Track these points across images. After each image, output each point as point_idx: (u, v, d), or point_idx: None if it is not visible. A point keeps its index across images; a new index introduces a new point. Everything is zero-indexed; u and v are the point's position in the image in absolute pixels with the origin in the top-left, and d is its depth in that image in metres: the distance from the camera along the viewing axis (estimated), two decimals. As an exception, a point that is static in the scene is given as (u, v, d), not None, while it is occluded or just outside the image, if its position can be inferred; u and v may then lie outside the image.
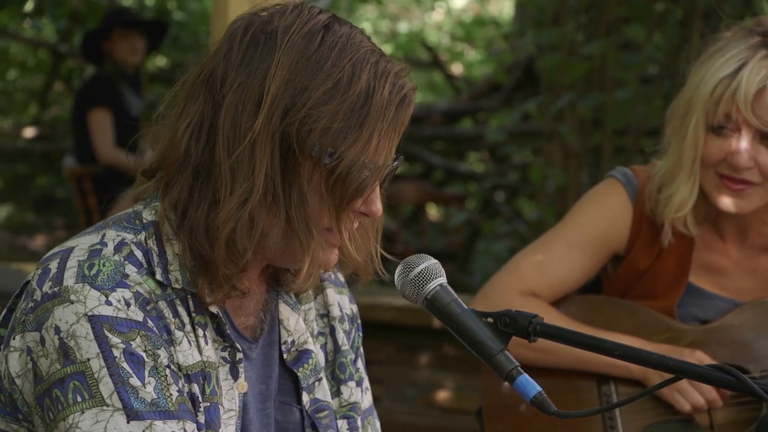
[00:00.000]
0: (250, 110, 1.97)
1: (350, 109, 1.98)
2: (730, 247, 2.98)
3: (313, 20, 2.01)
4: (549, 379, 2.96)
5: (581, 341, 2.02)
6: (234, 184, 1.97)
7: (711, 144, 2.84)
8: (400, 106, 2.02)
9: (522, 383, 1.99)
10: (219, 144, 1.98)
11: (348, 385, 2.27)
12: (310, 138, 1.97)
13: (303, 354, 2.20)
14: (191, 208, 2.01)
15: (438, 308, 2.05)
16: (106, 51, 8.05)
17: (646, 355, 1.97)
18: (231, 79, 1.99)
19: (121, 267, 2.00)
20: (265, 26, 2.01)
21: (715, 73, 2.80)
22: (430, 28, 16.32)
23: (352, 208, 2.04)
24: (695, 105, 2.83)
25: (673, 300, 2.96)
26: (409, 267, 2.06)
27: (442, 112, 11.97)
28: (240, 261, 2.00)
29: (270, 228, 2.01)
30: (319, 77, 1.97)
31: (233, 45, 2.02)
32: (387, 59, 2.03)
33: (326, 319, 2.27)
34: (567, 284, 2.99)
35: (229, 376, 2.09)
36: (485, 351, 2.02)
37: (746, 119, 2.78)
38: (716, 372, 1.92)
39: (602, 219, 2.98)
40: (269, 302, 2.19)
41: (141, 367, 1.96)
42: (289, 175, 1.99)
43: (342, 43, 2.00)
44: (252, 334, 2.15)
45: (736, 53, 2.79)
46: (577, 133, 6.91)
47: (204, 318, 2.07)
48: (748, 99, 2.76)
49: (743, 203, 2.86)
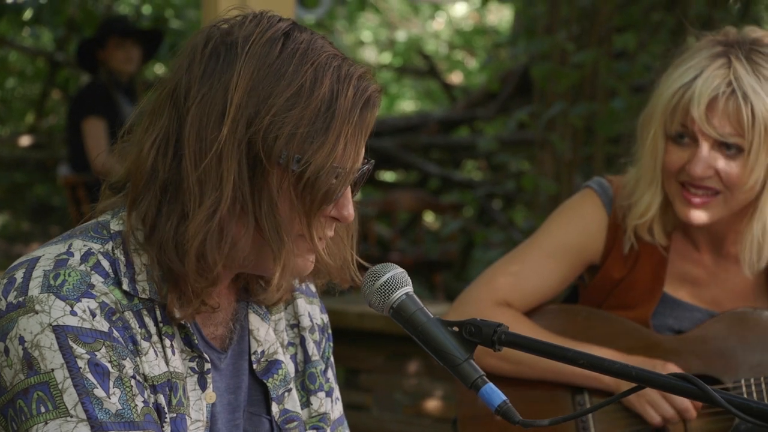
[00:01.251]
0: (214, 121, 1.98)
1: (315, 113, 1.98)
2: (705, 257, 2.98)
3: (272, 28, 2.02)
4: (524, 388, 2.96)
5: (545, 350, 2.03)
6: (202, 196, 1.97)
7: (671, 153, 2.84)
8: (365, 108, 2.02)
9: (487, 392, 2.00)
10: (185, 157, 1.98)
11: (318, 395, 2.27)
12: (277, 145, 1.97)
13: (273, 364, 2.20)
14: (160, 223, 2.01)
15: (404, 317, 2.05)
16: (101, 60, 8.07)
17: (609, 365, 1.97)
18: (194, 92, 2.00)
19: (87, 277, 2.00)
20: (225, 37, 2.02)
21: (673, 83, 2.81)
22: (428, 36, 16.33)
23: (323, 213, 2.04)
24: (655, 114, 2.84)
25: (648, 310, 2.96)
26: (375, 276, 2.06)
27: (439, 121, 11.98)
28: (210, 274, 2.00)
29: (240, 238, 2.01)
30: (282, 84, 1.98)
31: (194, 58, 2.02)
32: (350, 63, 2.04)
33: (296, 329, 2.27)
34: (541, 294, 3.00)
35: (197, 386, 2.09)
36: (451, 360, 2.03)
37: (701, 129, 2.78)
38: (679, 381, 1.92)
39: (577, 229, 2.99)
40: (239, 312, 2.18)
41: (106, 377, 1.96)
42: (257, 184, 1.99)
43: (303, 49, 2.01)
44: (221, 344, 2.15)
45: (695, 63, 2.80)
46: (568, 141, 6.91)
47: (171, 328, 2.07)
48: (702, 108, 2.76)
49: (703, 215, 2.85)
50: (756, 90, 2.75)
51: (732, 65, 2.77)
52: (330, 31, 15.60)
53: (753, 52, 2.79)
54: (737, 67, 2.76)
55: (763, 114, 2.75)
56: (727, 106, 2.76)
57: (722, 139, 2.78)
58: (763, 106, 2.75)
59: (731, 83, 2.75)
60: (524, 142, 10.11)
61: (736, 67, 2.76)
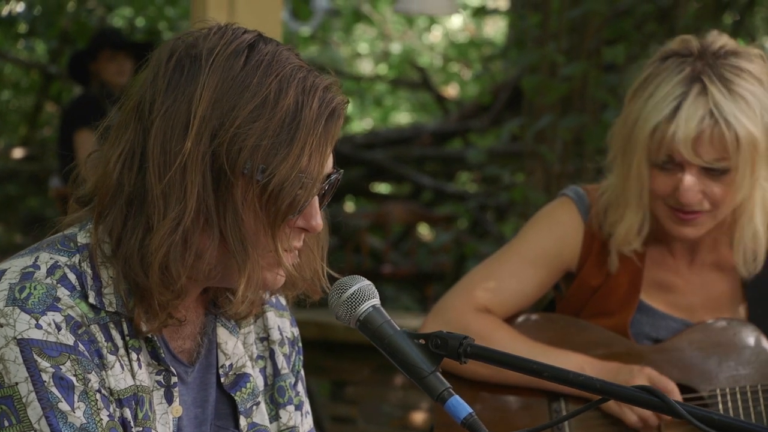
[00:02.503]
0: (178, 134, 1.98)
1: (279, 125, 1.99)
2: (681, 265, 3.00)
3: (237, 40, 2.02)
4: (501, 396, 2.97)
5: (511, 363, 2.03)
6: (166, 209, 1.98)
7: (657, 179, 2.86)
8: (330, 120, 2.03)
9: (453, 405, 2.00)
10: (150, 170, 1.99)
11: (287, 409, 2.26)
12: (241, 157, 1.98)
13: (241, 378, 2.20)
14: (125, 237, 2.01)
15: (370, 330, 2.06)
16: (94, 72, 8.07)
17: (573, 377, 1.98)
18: (158, 104, 2.00)
19: (52, 290, 2.00)
20: (189, 50, 2.02)
21: (651, 114, 2.80)
22: (424, 48, 16.36)
23: (289, 224, 2.04)
24: (636, 143, 2.84)
25: (626, 318, 2.97)
26: (341, 289, 2.06)
27: (432, 133, 12.00)
28: (174, 286, 2.01)
29: (205, 250, 2.01)
30: (246, 96, 1.98)
31: (159, 71, 2.02)
32: (316, 74, 2.04)
33: (266, 342, 2.26)
34: (520, 301, 3.01)
35: (164, 400, 2.09)
36: (417, 372, 2.03)
37: (687, 159, 2.79)
38: (642, 393, 1.93)
39: (554, 236, 3.00)
40: (207, 326, 2.18)
41: (70, 391, 1.96)
42: (222, 196, 2.00)
43: (267, 61, 2.01)
44: (188, 357, 2.15)
45: (671, 90, 2.79)
46: (557, 153, 6.92)
47: (138, 342, 2.07)
48: (688, 142, 2.77)
49: (696, 230, 2.88)
50: (736, 115, 2.77)
51: (709, 91, 2.77)
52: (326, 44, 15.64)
53: (721, 67, 2.79)
54: (714, 92, 2.77)
55: (746, 135, 2.78)
56: (713, 136, 2.77)
57: (709, 166, 2.80)
58: (745, 129, 2.77)
59: (713, 113, 2.77)
60: (516, 154, 10.12)
61: (713, 93, 2.77)
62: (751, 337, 2.93)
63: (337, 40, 16.28)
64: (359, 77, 15.50)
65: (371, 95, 15.62)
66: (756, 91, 2.80)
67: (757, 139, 2.79)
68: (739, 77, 2.79)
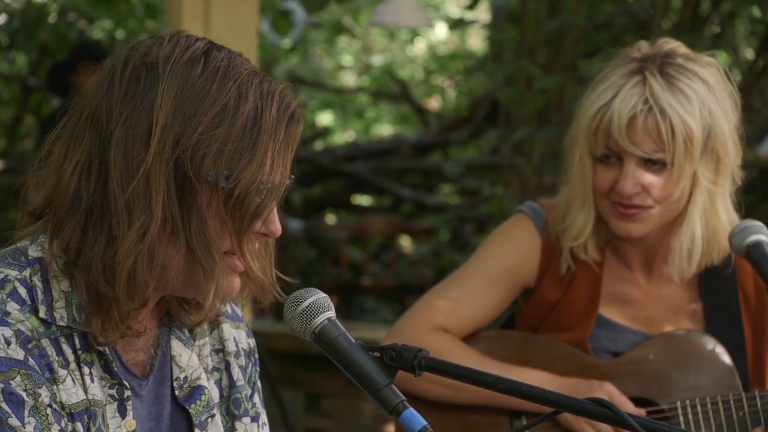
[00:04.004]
0: (140, 142, 1.98)
1: (241, 130, 1.99)
2: (639, 277, 3.00)
3: (192, 47, 2.02)
4: (462, 414, 2.96)
5: (465, 375, 2.04)
6: (131, 218, 1.97)
7: (599, 174, 2.87)
8: (290, 123, 2.04)
9: (407, 417, 1.99)
10: (112, 180, 1.98)
11: (243, 420, 2.25)
12: (205, 163, 1.98)
13: (195, 390, 2.19)
14: (86, 246, 2.00)
15: (326, 342, 2.06)
16: (73, 84, 8.05)
17: (526, 389, 1.98)
18: (117, 114, 1.99)
19: (2, 305, 1.99)
20: (144, 58, 2.02)
21: (591, 105, 2.83)
22: (405, 61, 16.38)
23: (252, 229, 2.04)
24: (577, 135, 2.86)
25: (585, 332, 2.96)
26: (297, 301, 2.06)
27: (412, 145, 12.01)
28: (141, 296, 2.00)
29: (171, 259, 2.01)
30: (206, 102, 1.99)
31: (114, 81, 2.02)
32: (269, 80, 2.05)
33: (221, 354, 2.25)
34: (478, 319, 3.01)
35: (117, 414, 2.08)
36: (372, 385, 2.03)
37: (623, 148, 2.80)
38: (594, 405, 1.92)
39: (511, 253, 3.00)
40: (161, 338, 2.17)
41: (21, 406, 1.95)
42: (186, 203, 2.00)
43: (224, 67, 2.01)
44: (142, 370, 2.14)
45: (613, 81, 2.82)
46: (534, 166, 6.93)
47: (90, 356, 2.06)
48: (622, 128, 2.78)
49: (639, 227, 2.87)
50: (672, 105, 2.78)
51: (647, 82, 2.79)
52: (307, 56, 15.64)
53: (666, 65, 2.81)
54: (652, 83, 2.78)
55: (681, 127, 2.78)
56: (647, 123, 2.78)
57: (646, 156, 2.81)
58: (681, 119, 2.78)
59: (647, 100, 2.78)
60: (496, 166, 10.13)
61: (651, 84, 2.78)
62: (710, 349, 2.93)
63: (321, 52, 16.29)
64: (340, 89, 15.51)
65: (353, 108, 15.64)
66: (699, 90, 2.81)
67: (693, 132, 2.79)
68: (683, 75, 2.81)
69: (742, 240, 2.79)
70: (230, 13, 5.85)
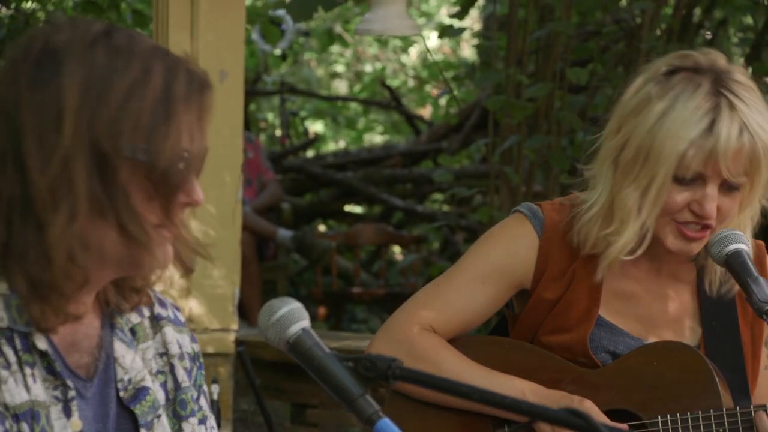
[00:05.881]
0: (53, 128, 1.99)
1: (154, 104, 2.01)
2: (642, 273, 2.97)
3: (91, 30, 2.04)
4: (445, 422, 2.95)
5: (440, 385, 2.03)
6: (56, 203, 1.98)
7: (675, 194, 2.82)
8: (201, 92, 2.06)
9: (382, 427, 1.98)
10: (30, 168, 1.99)
11: (189, 421, 2.25)
12: (122, 140, 2.00)
13: (140, 391, 2.19)
14: (14, 238, 2.01)
15: (300, 352, 2.05)
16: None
17: (500, 399, 1.96)
18: (24, 102, 2.00)
19: None
20: (45, 45, 2.03)
21: (682, 131, 2.76)
22: (396, 69, 16.39)
23: (177, 200, 2.06)
24: (660, 159, 2.78)
25: (585, 332, 2.94)
26: (271, 311, 2.06)
27: (403, 154, 12.01)
28: (80, 277, 2.02)
29: (104, 238, 2.02)
30: (114, 80, 2.00)
31: (17, 70, 2.02)
32: (171, 53, 2.08)
33: (165, 357, 2.26)
34: (469, 318, 2.98)
35: (62, 415, 2.08)
36: (346, 395, 2.02)
37: (720, 173, 2.77)
38: (568, 415, 1.91)
39: (505, 251, 2.96)
40: (104, 339, 2.18)
41: None
42: (109, 182, 2.01)
43: (127, 45, 2.03)
44: (86, 372, 2.14)
45: (698, 104, 2.76)
46: (523, 174, 6.92)
47: (32, 357, 2.06)
48: (729, 155, 2.75)
49: (698, 246, 2.86)
50: (763, 127, 2.77)
51: (737, 107, 2.76)
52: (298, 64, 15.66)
53: (731, 83, 2.79)
54: (740, 107, 2.76)
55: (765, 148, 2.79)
56: (747, 149, 2.77)
57: (732, 180, 2.79)
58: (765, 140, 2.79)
59: (746, 125, 2.76)
60: (485, 174, 10.14)
61: (740, 108, 2.76)
62: (694, 363, 2.90)
63: (313, 59, 16.30)
64: (332, 97, 15.52)
65: (344, 116, 15.64)
66: (761, 104, 2.81)
67: None
68: (746, 91, 2.80)
69: (721, 249, 2.78)
70: (217, 21, 5.85)
